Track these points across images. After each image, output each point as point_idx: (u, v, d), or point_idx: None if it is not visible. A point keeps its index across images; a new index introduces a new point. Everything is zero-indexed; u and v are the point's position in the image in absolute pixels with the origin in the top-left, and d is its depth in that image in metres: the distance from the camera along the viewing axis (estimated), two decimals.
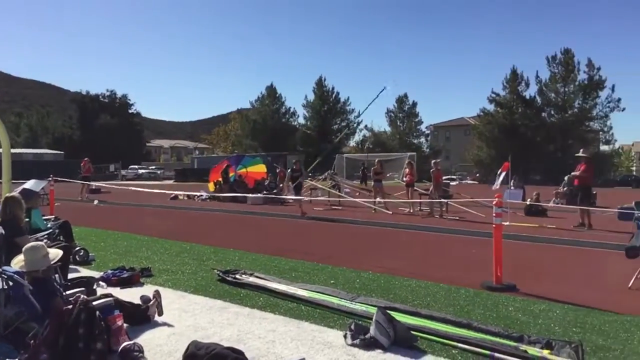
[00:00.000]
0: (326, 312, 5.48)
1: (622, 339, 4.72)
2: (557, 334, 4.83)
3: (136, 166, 64.25)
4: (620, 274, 7.28)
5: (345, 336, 4.66)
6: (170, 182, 50.00)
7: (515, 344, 4.36)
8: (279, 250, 9.58)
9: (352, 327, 4.69)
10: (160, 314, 5.25)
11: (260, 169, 25.79)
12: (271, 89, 71.19)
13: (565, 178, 19.76)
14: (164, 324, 5.13)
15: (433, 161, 17.50)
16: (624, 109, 52.35)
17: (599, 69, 51.25)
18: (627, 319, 5.36)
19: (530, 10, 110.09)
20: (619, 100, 51.13)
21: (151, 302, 5.23)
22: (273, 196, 20.49)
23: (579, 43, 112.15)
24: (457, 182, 48.83)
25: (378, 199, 18.36)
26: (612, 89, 51.01)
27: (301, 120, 72.09)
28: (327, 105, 69.45)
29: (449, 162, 73.14)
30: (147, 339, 4.64)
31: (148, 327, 5.01)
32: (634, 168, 68.73)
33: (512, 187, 21.26)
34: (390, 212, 17.12)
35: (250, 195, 21.52)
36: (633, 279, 6.82)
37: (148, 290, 6.01)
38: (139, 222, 14.58)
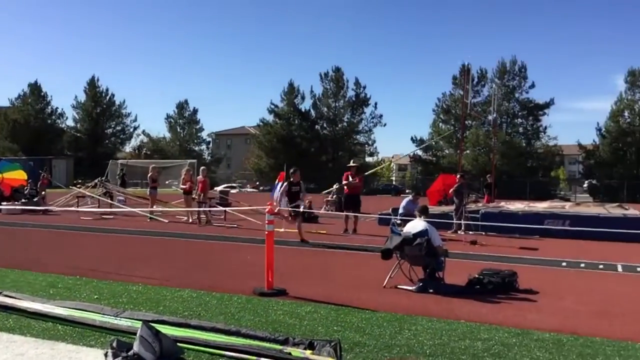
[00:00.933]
0: (86, 331, 5.03)
1: (375, 335, 5.14)
2: (320, 334, 5.08)
3: None
4: (377, 274, 7.97)
5: (106, 355, 4.29)
6: None
7: (280, 347, 4.46)
8: (36, 264, 8.60)
9: (114, 344, 4.35)
10: None
11: (19, 175, 23.02)
12: (35, 87, 64.23)
13: (335, 186, 21.26)
14: None
15: (202, 167, 17.55)
16: (385, 125, 59.06)
17: (364, 87, 56.59)
18: (381, 316, 5.87)
19: (307, 26, 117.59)
20: (381, 116, 57.04)
21: None
22: (41, 207, 18.50)
23: (348, 62, 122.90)
24: (238, 190, 49.54)
25: (155, 207, 17.73)
26: (375, 106, 56.75)
27: (70, 123, 66.17)
28: (100, 107, 64.82)
29: (230, 171, 73.90)
30: None
31: None
32: (393, 178, 77.07)
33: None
34: (167, 221, 16.63)
35: (4, 204, 19.17)
36: (387, 279, 7.52)
37: None
38: None
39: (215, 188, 34.25)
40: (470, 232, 14.58)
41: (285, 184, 13.28)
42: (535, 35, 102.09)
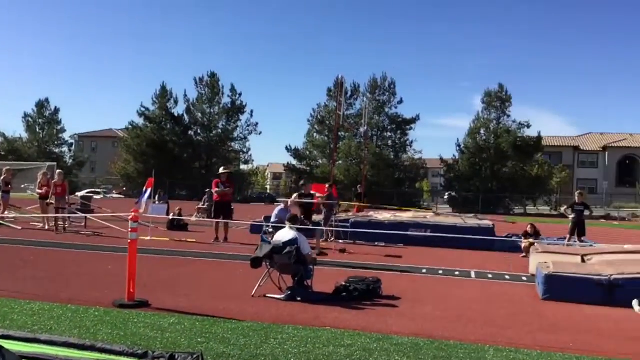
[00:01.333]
0: None
1: (241, 345, 5.05)
2: (183, 346, 4.90)
3: None
4: (246, 283, 7.88)
5: None
6: None
7: None
8: None
9: None
10: None
11: None
12: None
13: (206, 194, 20.86)
14: None
15: (58, 171, 16.48)
16: (260, 133, 59.04)
17: (240, 94, 56.17)
18: (247, 325, 5.79)
19: (182, 29, 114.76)
20: (256, 124, 56.92)
21: None
22: None
23: (224, 68, 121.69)
24: (102, 196, 46.88)
25: (6, 213, 16.28)
26: (251, 114, 56.52)
27: None
28: None
29: (94, 175, 69.78)
30: None
31: None
32: (268, 186, 77.34)
33: (157, 202, 21.45)
34: (20, 228, 15.31)
35: None
36: (256, 288, 7.45)
37: None
38: None
39: (77, 193, 32.22)
40: (340, 241, 14.94)
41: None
42: (404, 55, 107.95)
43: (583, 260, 9.96)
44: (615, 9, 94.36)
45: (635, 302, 7.47)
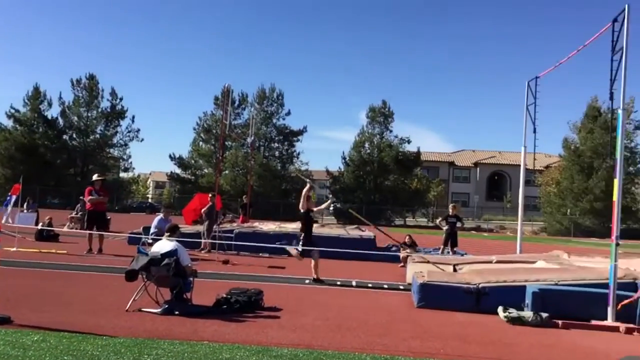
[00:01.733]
0: None
1: None
2: None
3: None
4: (121, 297, 7.48)
5: None
6: None
7: None
8: None
9: None
10: None
11: None
12: None
13: (79, 203, 19.72)
14: None
15: None
16: (142, 140, 56.75)
17: (121, 99, 53.73)
18: (119, 342, 5.48)
19: (60, 29, 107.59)
20: (138, 130, 54.63)
21: None
22: None
23: (104, 71, 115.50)
24: None
25: None
26: (133, 120, 54.15)
27: None
28: None
29: None
30: None
31: None
32: (149, 195, 74.44)
33: (25, 211, 19.92)
34: None
35: None
36: (131, 302, 7.09)
37: None
38: None
39: None
40: (224, 252, 14.69)
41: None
42: (292, 67, 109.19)
43: (455, 270, 10.54)
44: (481, 40, 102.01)
45: (500, 309, 8.00)
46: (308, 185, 11.37)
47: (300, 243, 10.92)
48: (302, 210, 11.11)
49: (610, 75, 8.33)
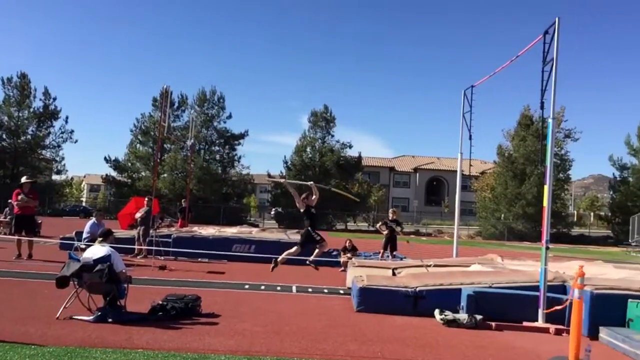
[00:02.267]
0: None
1: None
2: None
3: None
4: (51, 305, 7.18)
5: None
6: None
7: None
8: None
9: None
10: None
11: None
12: None
13: (7, 207, 18.85)
14: None
15: None
16: (76, 141, 54.84)
17: (55, 98, 51.68)
18: (48, 351, 5.25)
19: None
20: (72, 132, 52.69)
21: None
22: None
23: (36, 70, 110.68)
24: None
25: None
26: (66, 121, 52.19)
27: None
28: None
29: None
30: None
31: None
32: (84, 199, 71.90)
33: None
34: None
35: None
36: (61, 309, 6.81)
37: None
38: None
39: None
40: (161, 257, 14.34)
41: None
42: (233, 70, 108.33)
43: (394, 274, 10.69)
44: (421, 46, 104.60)
45: (436, 311, 8.18)
46: (302, 196, 11.28)
47: (317, 238, 10.83)
48: (302, 210, 11.18)
49: (541, 86, 8.67)
